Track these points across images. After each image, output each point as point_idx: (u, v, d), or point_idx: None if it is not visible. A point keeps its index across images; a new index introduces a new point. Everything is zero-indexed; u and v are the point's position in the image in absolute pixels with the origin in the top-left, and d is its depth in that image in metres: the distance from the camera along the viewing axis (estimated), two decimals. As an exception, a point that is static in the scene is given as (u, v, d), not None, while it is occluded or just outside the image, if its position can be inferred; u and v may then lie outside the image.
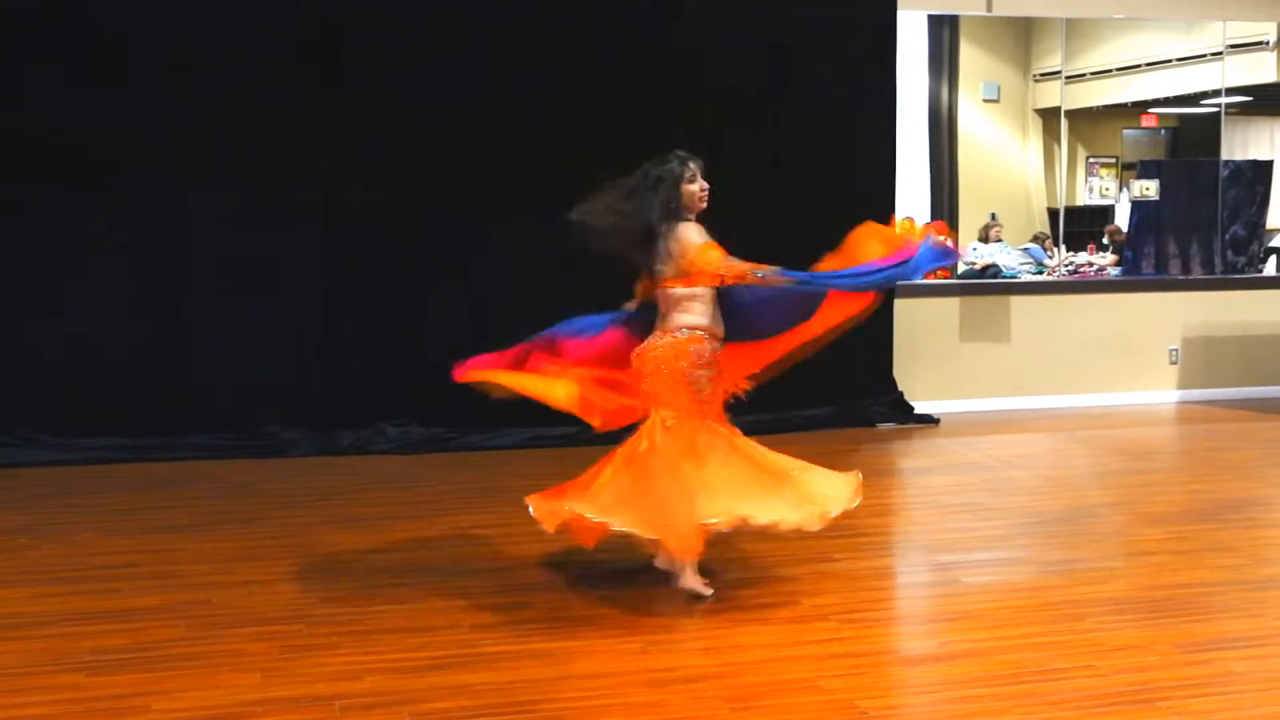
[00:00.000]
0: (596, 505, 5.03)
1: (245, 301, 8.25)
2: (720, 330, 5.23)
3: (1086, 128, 10.64)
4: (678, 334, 5.16)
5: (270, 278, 8.27)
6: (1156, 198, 10.49)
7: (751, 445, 5.26)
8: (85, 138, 7.99)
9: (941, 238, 5.21)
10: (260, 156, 8.17)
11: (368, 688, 4.23)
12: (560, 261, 8.50)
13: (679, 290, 5.17)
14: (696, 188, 5.24)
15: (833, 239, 8.92)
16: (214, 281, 8.22)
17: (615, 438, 5.35)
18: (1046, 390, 9.78)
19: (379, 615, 4.98)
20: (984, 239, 10.56)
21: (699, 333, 5.16)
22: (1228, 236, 10.51)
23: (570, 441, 8.34)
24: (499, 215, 8.44)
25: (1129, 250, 10.67)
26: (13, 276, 8.02)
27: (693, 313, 5.17)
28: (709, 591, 5.13)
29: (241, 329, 8.22)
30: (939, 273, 10.07)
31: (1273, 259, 10.99)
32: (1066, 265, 10.48)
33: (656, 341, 5.19)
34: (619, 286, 8.47)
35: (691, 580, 5.14)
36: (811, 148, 8.85)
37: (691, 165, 5.27)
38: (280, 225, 8.26)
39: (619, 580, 5.45)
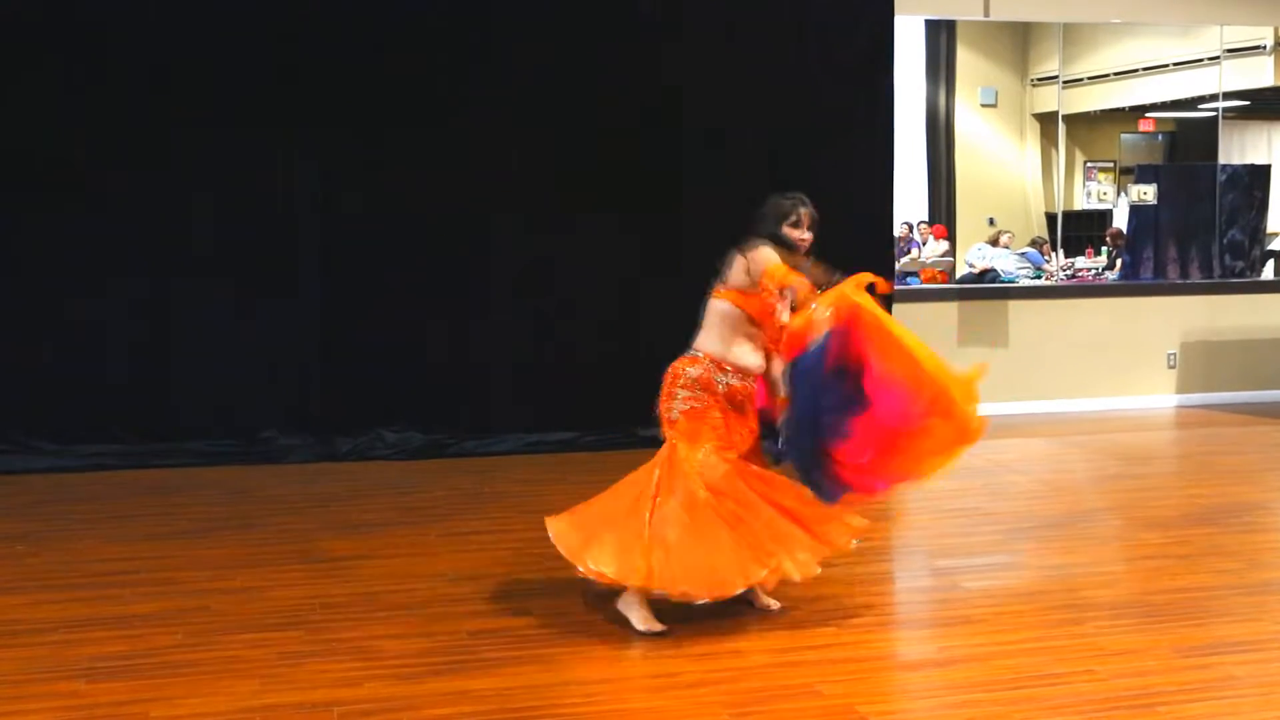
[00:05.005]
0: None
1: (244, 308, 8.25)
2: (739, 366, 4.98)
3: (1084, 132, 10.65)
4: (688, 352, 5.05)
5: (269, 284, 8.27)
6: (1154, 202, 10.50)
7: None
8: (83, 142, 8.01)
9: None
10: (258, 161, 8.18)
11: (367, 694, 4.23)
12: (559, 265, 8.56)
13: (712, 305, 5.06)
14: (799, 234, 5.10)
15: (831, 244, 8.99)
16: (212, 287, 8.22)
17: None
18: (1045, 395, 9.78)
19: (378, 621, 4.98)
20: (994, 243, 10.58)
21: (700, 354, 5.01)
22: (1225, 241, 10.52)
23: (568, 447, 8.38)
24: (497, 219, 8.45)
25: (1127, 254, 10.68)
26: (10, 282, 8.02)
27: (709, 334, 5.03)
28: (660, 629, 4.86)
29: (240, 335, 8.23)
30: (939, 276, 10.09)
31: (1270, 263, 11.00)
32: (1064, 269, 10.49)
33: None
34: (614, 290, 8.55)
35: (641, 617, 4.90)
36: (809, 153, 8.85)
37: (801, 211, 5.11)
38: (278, 231, 8.26)
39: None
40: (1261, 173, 10.85)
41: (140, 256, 8.11)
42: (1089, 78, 10.50)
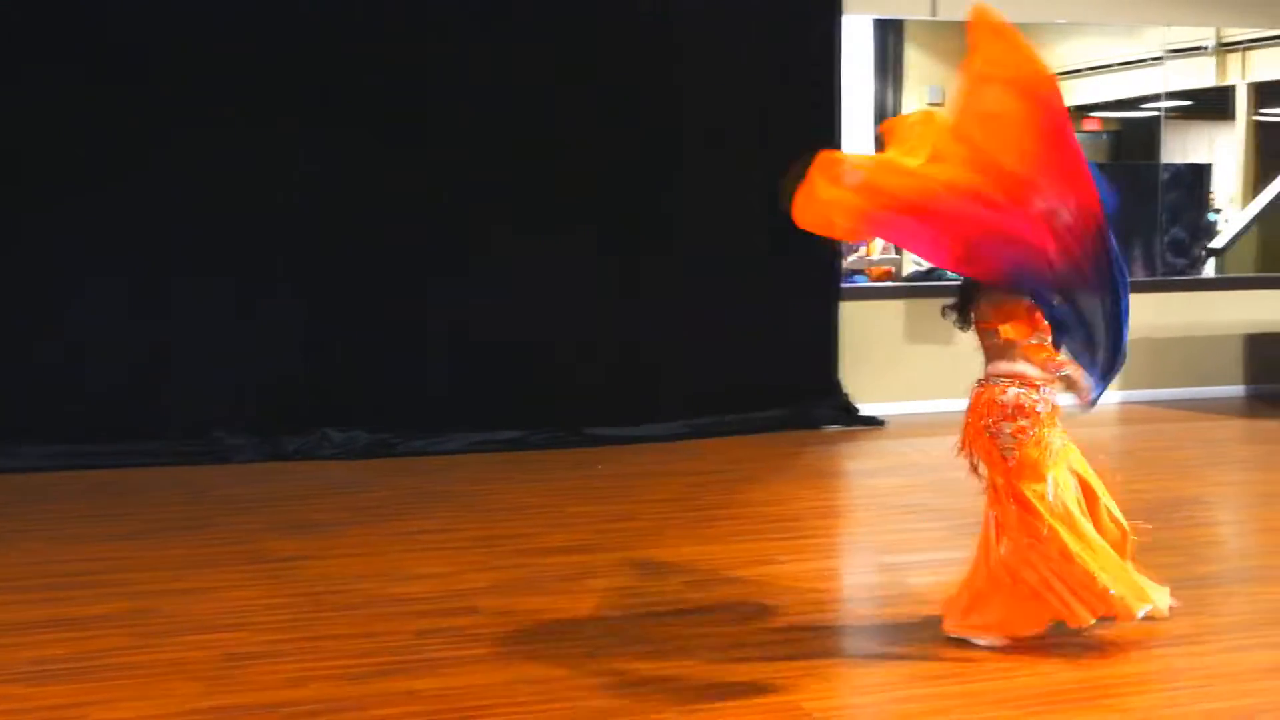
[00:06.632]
0: None
1: (190, 308, 8.17)
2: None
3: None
4: (992, 382, 4.71)
5: (214, 284, 8.20)
6: (1098, 200, 10.58)
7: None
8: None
9: None
10: (215, 164, 8.10)
11: (312, 695, 4.21)
12: (503, 265, 8.54)
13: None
14: None
15: (776, 243, 9.04)
16: (158, 290, 8.14)
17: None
18: (991, 392, 9.83)
19: (324, 621, 4.96)
20: None
21: (1009, 380, 4.70)
22: (1168, 239, 10.62)
23: (517, 446, 8.37)
24: (446, 213, 8.43)
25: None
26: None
27: (1009, 356, 4.71)
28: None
29: (187, 335, 8.15)
30: (886, 273, 10.12)
31: (1212, 260, 11.12)
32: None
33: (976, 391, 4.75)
34: (562, 290, 8.54)
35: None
36: (755, 151, 8.88)
37: None
38: (225, 235, 8.18)
39: (564, 584, 5.46)
40: (1203, 171, 10.97)
41: (83, 258, 8.02)
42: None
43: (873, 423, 9.20)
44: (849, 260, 9.76)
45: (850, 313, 9.32)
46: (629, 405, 8.71)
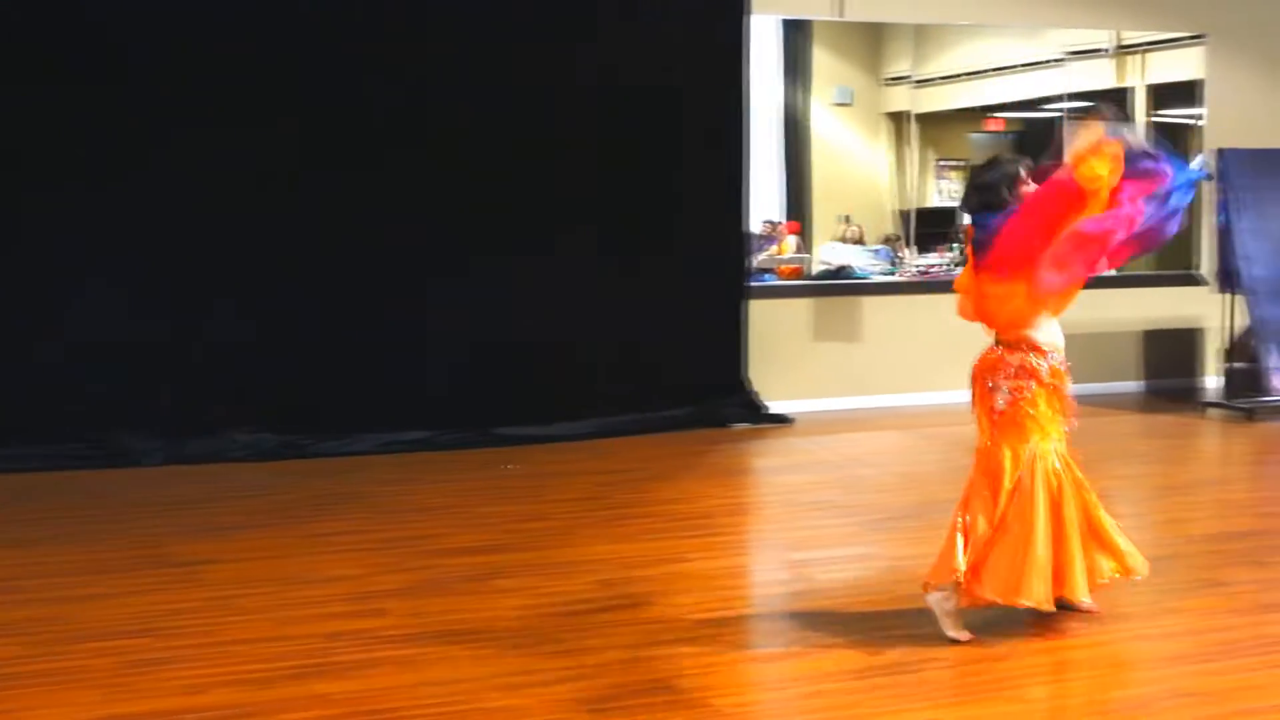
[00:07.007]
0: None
1: (91, 310, 8.04)
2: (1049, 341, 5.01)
3: (935, 131, 10.85)
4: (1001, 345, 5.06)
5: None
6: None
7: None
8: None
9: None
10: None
11: (217, 700, 4.16)
12: (415, 264, 8.49)
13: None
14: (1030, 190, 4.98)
15: (687, 239, 9.08)
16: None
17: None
18: (898, 389, 9.94)
19: (231, 625, 4.90)
20: (843, 239, 10.72)
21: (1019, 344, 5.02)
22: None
23: (424, 446, 8.33)
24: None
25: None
26: None
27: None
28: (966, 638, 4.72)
29: (87, 334, 8.02)
30: (795, 271, 10.19)
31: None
32: (916, 265, 10.67)
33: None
34: (464, 290, 8.50)
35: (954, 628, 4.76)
36: (664, 151, 8.91)
37: (1024, 165, 5.10)
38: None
39: (474, 585, 5.44)
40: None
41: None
42: (940, 78, 10.71)
43: (780, 420, 9.26)
44: (758, 259, 9.81)
45: (758, 311, 9.37)
46: (540, 404, 8.70)
